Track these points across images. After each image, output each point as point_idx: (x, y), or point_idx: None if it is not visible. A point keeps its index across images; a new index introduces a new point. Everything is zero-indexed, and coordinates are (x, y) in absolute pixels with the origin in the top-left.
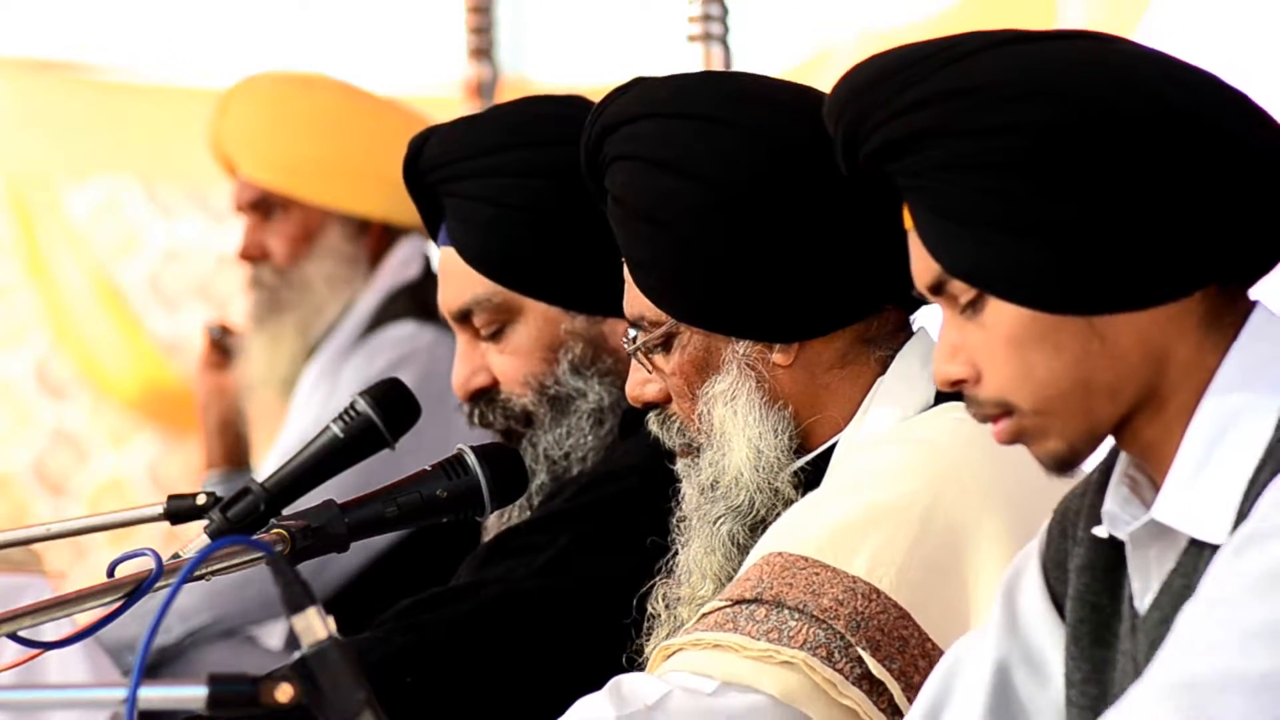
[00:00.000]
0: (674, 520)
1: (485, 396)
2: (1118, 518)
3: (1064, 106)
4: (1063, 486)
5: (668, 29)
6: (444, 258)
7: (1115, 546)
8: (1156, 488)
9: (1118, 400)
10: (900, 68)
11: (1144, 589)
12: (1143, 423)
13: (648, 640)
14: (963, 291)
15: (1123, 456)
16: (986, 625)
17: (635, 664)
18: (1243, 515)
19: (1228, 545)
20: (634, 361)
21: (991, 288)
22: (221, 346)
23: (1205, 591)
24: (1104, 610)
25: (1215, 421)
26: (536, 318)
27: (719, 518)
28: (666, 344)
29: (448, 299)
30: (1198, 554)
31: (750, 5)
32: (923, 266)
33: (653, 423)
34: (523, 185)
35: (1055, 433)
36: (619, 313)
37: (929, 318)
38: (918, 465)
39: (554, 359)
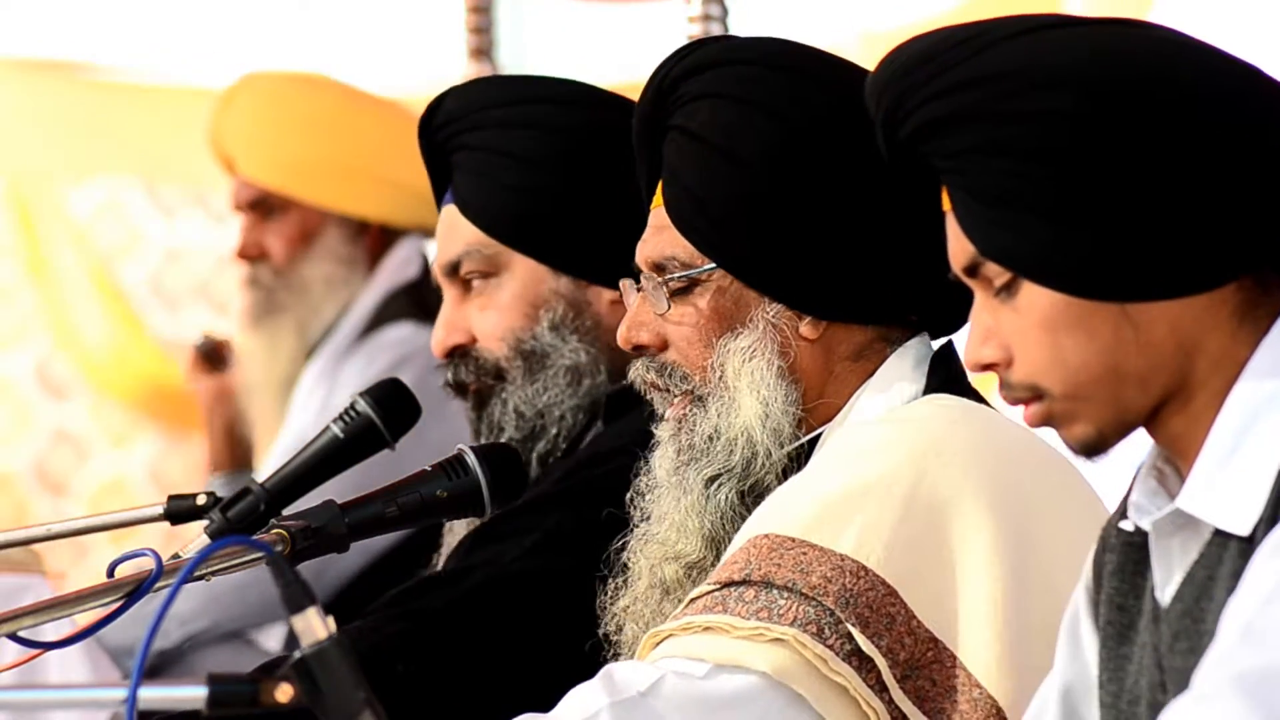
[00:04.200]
0: (641, 483)
1: (460, 353)
2: (1143, 508)
3: (1099, 93)
4: (1051, 469)
5: (668, 29)
6: (443, 217)
7: (1142, 546)
8: (1183, 479)
9: (1148, 389)
10: (938, 51)
11: (1166, 579)
12: (1172, 412)
13: (618, 598)
14: (997, 275)
15: (1151, 449)
16: (1057, 657)
17: (600, 623)
18: (1271, 508)
19: (1270, 539)
20: (633, 305)
21: (1025, 271)
22: (210, 357)
23: (1255, 586)
24: (1129, 609)
25: (1244, 413)
26: (523, 274)
27: (714, 477)
28: (688, 290)
29: (440, 255)
30: (1222, 545)
31: (750, 5)
32: (958, 248)
33: (643, 369)
34: (524, 136)
35: (1084, 418)
36: (605, 280)
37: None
38: (901, 442)
39: (535, 316)
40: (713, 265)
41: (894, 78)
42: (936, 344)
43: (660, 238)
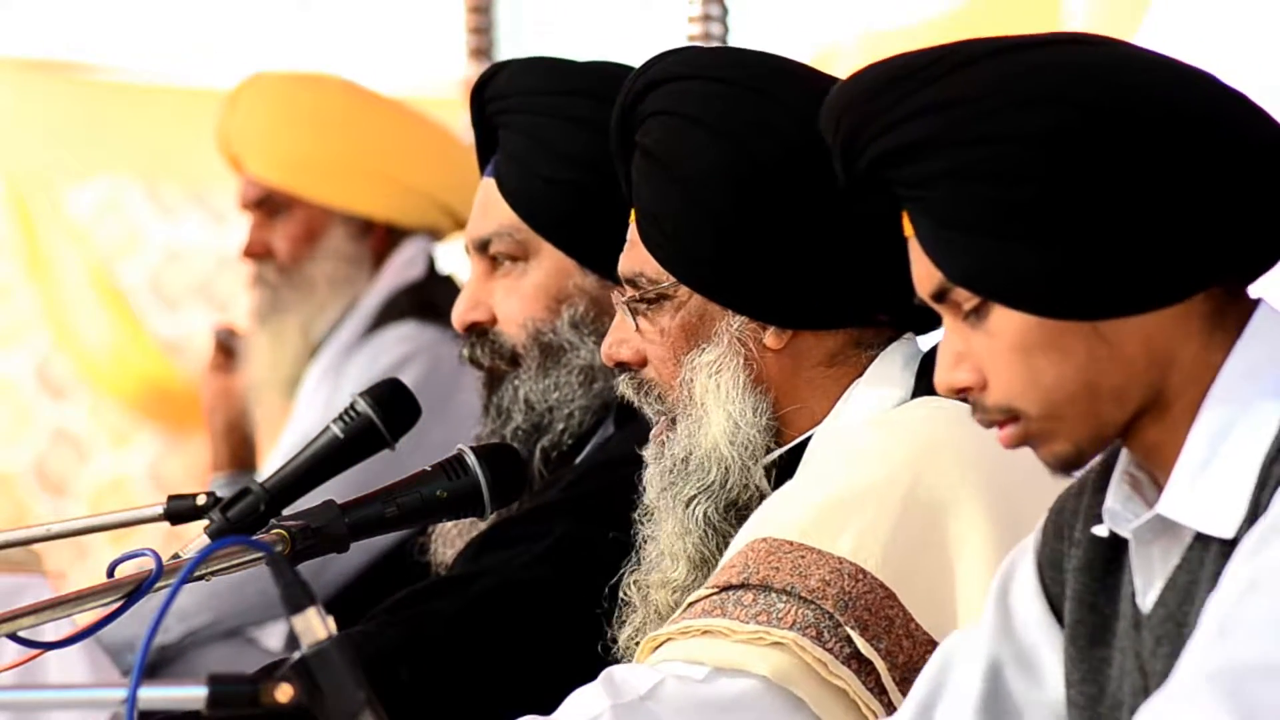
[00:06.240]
0: (637, 512)
1: (479, 331)
2: (1119, 515)
3: (1061, 113)
4: (1043, 471)
5: (668, 29)
6: (483, 188)
7: (1113, 546)
8: (1159, 486)
9: (1124, 403)
10: (897, 77)
11: (1147, 586)
12: (1148, 423)
13: (620, 629)
14: (966, 299)
15: (1123, 455)
16: (979, 624)
17: (610, 654)
18: (1253, 509)
19: (1249, 538)
20: (617, 319)
21: (995, 295)
22: (227, 349)
23: (1232, 583)
24: (1101, 610)
25: (1220, 418)
26: (550, 264)
27: (692, 498)
28: (658, 306)
29: (473, 227)
30: (1203, 549)
31: (750, 5)
32: (924, 273)
33: (625, 386)
34: (568, 130)
35: (1062, 436)
36: None
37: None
38: (897, 446)
39: (556, 309)
40: (675, 280)
41: (851, 105)
42: (924, 339)
43: (632, 253)
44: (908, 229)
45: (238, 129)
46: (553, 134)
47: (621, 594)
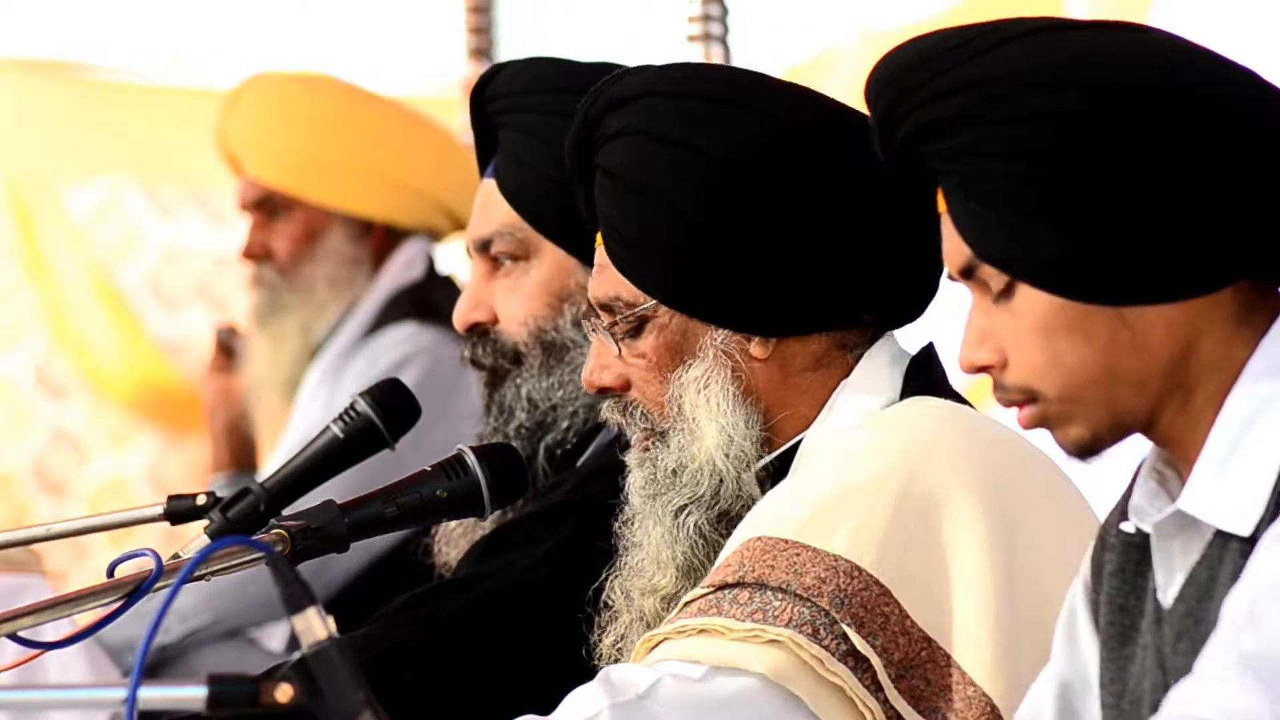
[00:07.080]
0: (618, 522)
1: (480, 331)
2: (1144, 510)
3: (1098, 96)
4: (1037, 468)
5: (668, 29)
6: (483, 188)
7: (1142, 548)
8: (1183, 481)
9: (1143, 391)
10: (936, 53)
11: (1168, 581)
12: (1170, 414)
13: (604, 635)
14: (993, 277)
15: (1152, 451)
16: (1053, 654)
17: (593, 659)
18: (1272, 507)
19: (1270, 533)
20: (593, 346)
21: (1022, 274)
22: (228, 348)
23: (1261, 573)
24: (1130, 610)
25: (1243, 414)
26: (552, 263)
27: (682, 507)
28: (639, 328)
29: (474, 228)
30: (1223, 546)
31: (750, 5)
32: (954, 250)
33: (610, 411)
34: (568, 129)
35: (1079, 420)
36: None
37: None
38: (889, 444)
39: (559, 308)
40: (653, 301)
41: (891, 79)
42: (900, 334)
43: (603, 277)
44: (941, 205)
45: (237, 130)
46: (553, 132)
47: (605, 598)
